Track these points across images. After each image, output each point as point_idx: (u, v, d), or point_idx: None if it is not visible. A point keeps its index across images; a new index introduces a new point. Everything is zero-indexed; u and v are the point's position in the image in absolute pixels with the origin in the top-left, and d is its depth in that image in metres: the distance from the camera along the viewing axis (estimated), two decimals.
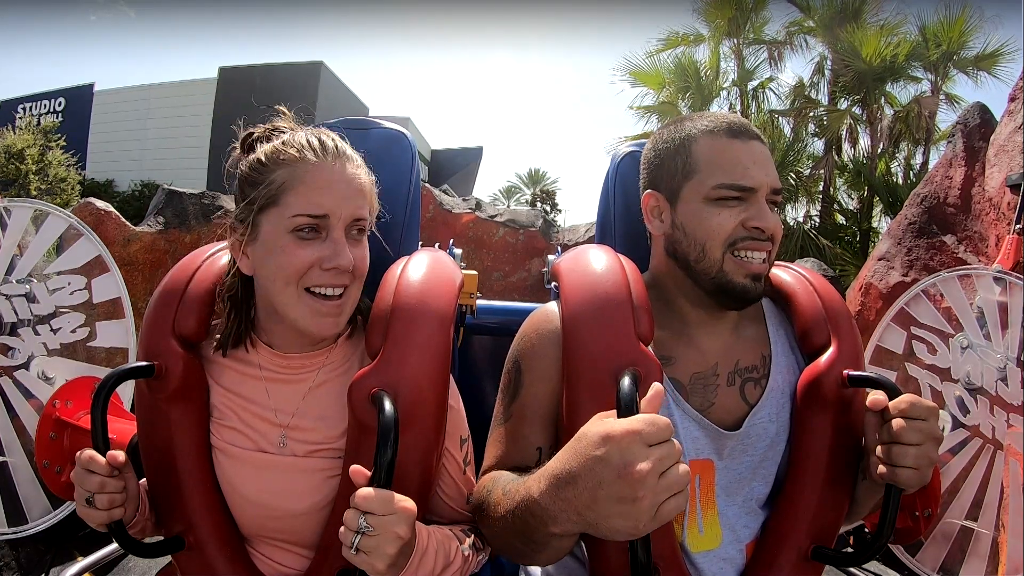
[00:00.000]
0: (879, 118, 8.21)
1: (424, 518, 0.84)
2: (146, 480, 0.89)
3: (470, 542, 0.86)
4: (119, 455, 0.76)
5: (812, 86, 9.10)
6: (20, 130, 11.82)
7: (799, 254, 6.75)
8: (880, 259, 2.70)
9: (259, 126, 0.88)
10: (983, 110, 2.65)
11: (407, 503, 0.67)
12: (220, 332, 0.88)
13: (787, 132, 8.83)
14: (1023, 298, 1.95)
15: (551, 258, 1.25)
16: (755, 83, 9.29)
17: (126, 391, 1.90)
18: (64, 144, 12.20)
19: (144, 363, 0.84)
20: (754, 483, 0.88)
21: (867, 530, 1.46)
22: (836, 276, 3.48)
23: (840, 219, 8.78)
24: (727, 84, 9.30)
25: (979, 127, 2.60)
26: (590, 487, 0.60)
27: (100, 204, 2.99)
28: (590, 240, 1.94)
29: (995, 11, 7.53)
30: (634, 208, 0.97)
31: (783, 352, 0.93)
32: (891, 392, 0.76)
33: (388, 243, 0.99)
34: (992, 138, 2.49)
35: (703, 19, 9.03)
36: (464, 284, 0.99)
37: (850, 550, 0.91)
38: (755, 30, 9.01)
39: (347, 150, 0.86)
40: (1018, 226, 2.11)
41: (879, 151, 8.28)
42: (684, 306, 0.91)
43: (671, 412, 0.85)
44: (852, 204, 8.85)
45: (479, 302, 1.41)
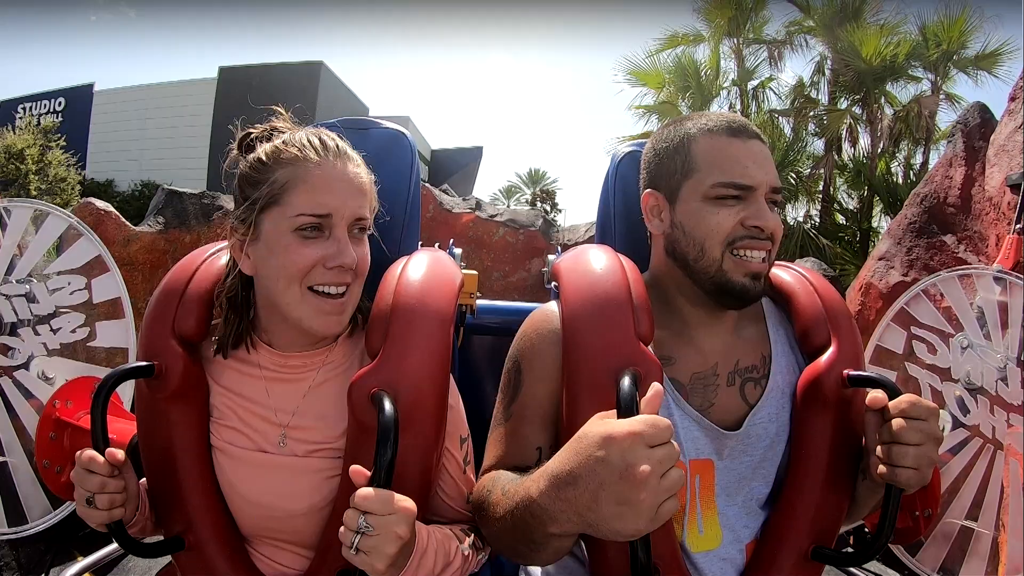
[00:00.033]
0: (879, 118, 8.21)
1: (424, 517, 0.84)
2: (146, 480, 0.89)
3: (470, 541, 0.86)
4: (118, 453, 0.76)
5: (812, 86, 9.11)
6: (20, 130, 11.83)
7: (799, 254, 6.75)
8: (880, 259, 2.70)
9: (256, 126, 0.88)
10: (983, 110, 2.65)
11: (407, 503, 0.67)
12: (219, 334, 0.88)
13: (787, 132, 8.84)
14: (1023, 298, 1.95)
15: (551, 258, 1.25)
16: (755, 83, 9.31)
17: (126, 391, 1.90)
18: (64, 144, 12.21)
19: (144, 363, 0.84)
20: (754, 483, 0.88)
21: (867, 530, 1.46)
22: (836, 276, 3.48)
23: (840, 219, 8.78)
24: (727, 84, 9.31)
25: (979, 127, 2.60)
26: (591, 488, 0.60)
27: (100, 204, 2.98)
28: (590, 240, 1.94)
29: (995, 11, 7.54)
30: (634, 208, 0.97)
31: (783, 352, 0.93)
32: (891, 392, 0.76)
33: (388, 243, 0.99)
34: (992, 138, 2.49)
35: (703, 19, 9.03)
36: (464, 284, 0.99)
37: (850, 550, 0.91)
38: (755, 30, 9.01)
39: (347, 149, 0.86)
40: (1018, 226, 2.11)
41: (879, 151, 8.28)
42: (684, 306, 0.91)
43: (671, 412, 0.85)
44: (852, 204, 8.86)
45: (479, 302, 1.41)
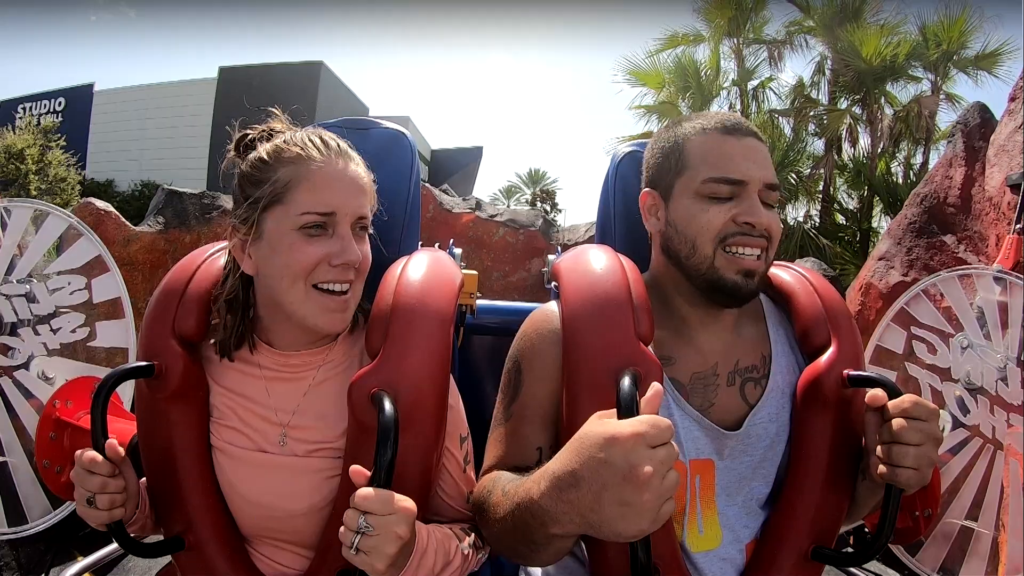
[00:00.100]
0: (879, 118, 8.21)
1: (424, 517, 0.84)
2: (146, 480, 0.89)
3: (470, 541, 0.86)
4: (119, 448, 0.76)
5: (812, 86, 9.10)
6: (20, 130, 11.82)
7: (799, 254, 6.75)
8: (880, 259, 2.70)
9: (254, 127, 0.88)
10: (983, 110, 2.65)
11: (407, 503, 0.67)
12: (220, 336, 0.88)
13: (787, 132, 8.84)
14: (1023, 298, 1.95)
15: (551, 258, 1.25)
16: (755, 83, 9.31)
17: (126, 391, 1.90)
18: (64, 144, 12.21)
19: (144, 363, 0.84)
20: (754, 483, 0.88)
21: (867, 530, 1.46)
22: (836, 276, 3.48)
23: (840, 219, 8.78)
24: (727, 84, 9.30)
25: (979, 127, 2.60)
26: (594, 490, 0.60)
27: (100, 204, 2.98)
28: (590, 240, 1.94)
29: (995, 11, 7.54)
30: (634, 208, 0.97)
31: (783, 352, 0.93)
32: (891, 392, 0.76)
33: (388, 243, 0.99)
34: (992, 138, 2.49)
35: (703, 19, 9.03)
36: (464, 284, 0.99)
37: (850, 550, 0.91)
38: (755, 30, 9.01)
39: (348, 149, 0.87)
40: (1018, 226, 2.11)
41: (879, 151, 8.28)
42: (682, 305, 0.91)
43: (671, 412, 0.85)
44: (852, 204, 8.85)
45: (479, 302, 1.41)
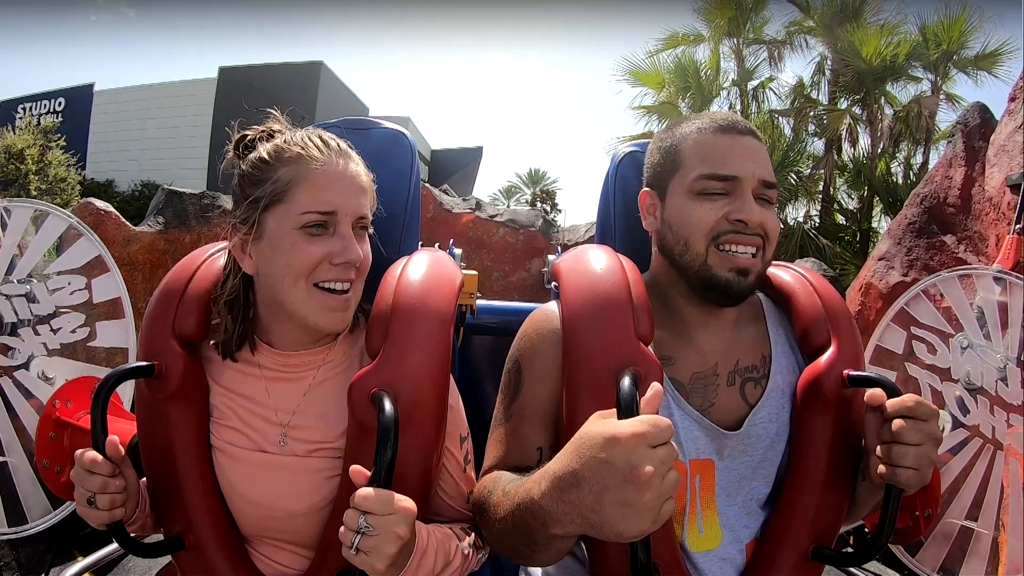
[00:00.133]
0: (879, 118, 8.20)
1: (424, 517, 0.84)
2: (146, 480, 0.89)
3: (470, 540, 0.86)
4: (119, 446, 0.76)
5: (812, 86, 9.10)
6: (20, 130, 11.83)
7: (799, 254, 6.74)
8: (880, 259, 2.70)
9: (252, 128, 0.88)
10: (983, 110, 2.65)
11: (407, 503, 0.67)
12: (222, 337, 0.88)
13: (787, 132, 8.83)
14: (1023, 298, 1.95)
15: (551, 258, 1.25)
16: (755, 83, 9.30)
17: (126, 391, 1.90)
18: (64, 144, 12.22)
19: (144, 363, 0.84)
20: (754, 483, 0.88)
21: (867, 530, 1.46)
22: (836, 276, 3.48)
23: (840, 219, 8.77)
24: (727, 84, 9.29)
25: (979, 127, 2.60)
26: (596, 490, 0.60)
27: (100, 204, 2.98)
28: (590, 240, 1.94)
29: (995, 11, 7.53)
30: (634, 208, 0.97)
31: (783, 352, 0.93)
32: (891, 392, 0.76)
33: (388, 243, 0.99)
34: (992, 138, 2.49)
35: (703, 19, 9.02)
36: (464, 284, 0.99)
37: (850, 550, 0.91)
38: (755, 30, 9.00)
39: (347, 148, 0.87)
40: (1018, 226, 2.11)
41: (879, 151, 8.28)
42: (681, 305, 0.91)
43: (671, 412, 0.85)
44: (852, 204, 8.84)
45: (479, 302, 1.41)
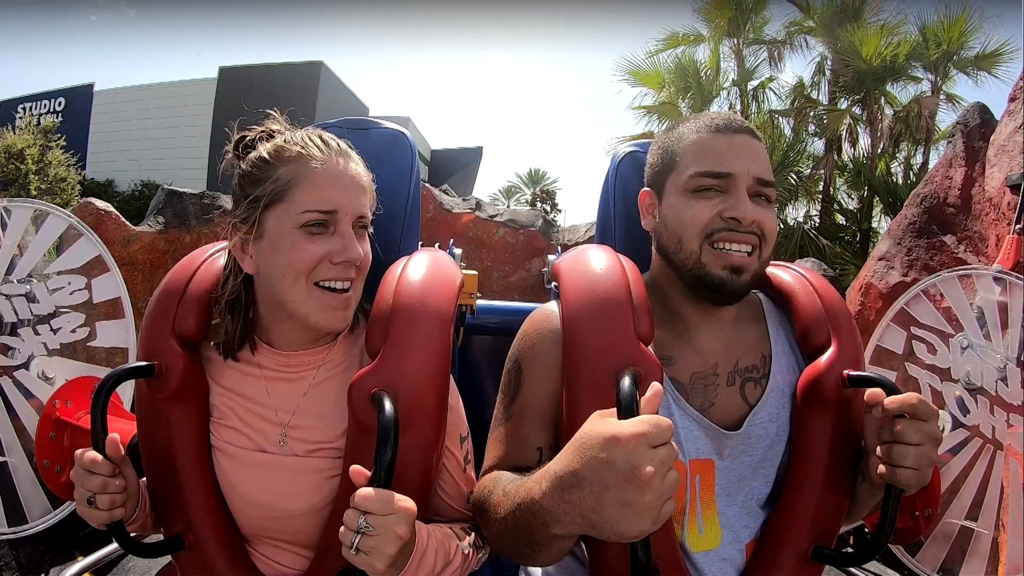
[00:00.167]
0: (879, 118, 8.20)
1: (424, 517, 0.84)
2: (146, 480, 0.89)
3: (470, 540, 0.86)
4: (119, 445, 0.76)
5: (812, 86, 9.10)
6: (20, 130, 11.82)
7: (799, 254, 6.74)
8: (880, 259, 2.70)
9: (252, 128, 0.88)
10: (983, 110, 2.65)
11: (407, 503, 0.67)
12: (223, 337, 0.88)
13: (787, 132, 8.83)
14: (1023, 298, 1.95)
15: (551, 258, 1.25)
16: (755, 83, 9.29)
17: (126, 391, 1.90)
18: (64, 144, 12.20)
19: (144, 363, 0.84)
20: (754, 483, 0.88)
21: (867, 530, 1.46)
22: (836, 276, 3.48)
23: (840, 219, 8.76)
24: (727, 84, 9.29)
25: (979, 127, 2.60)
26: (596, 490, 0.60)
27: (100, 204, 2.98)
28: (590, 240, 1.94)
29: (995, 11, 7.53)
30: (634, 208, 0.97)
31: (783, 352, 0.93)
32: (891, 392, 0.76)
33: (388, 243, 0.99)
34: (992, 138, 2.49)
35: (703, 19, 9.02)
36: (464, 284, 0.99)
37: (850, 550, 0.91)
38: (755, 30, 9.00)
39: (347, 148, 0.87)
40: (1018, 226, 2.11)
41: (879, 151, 8.27)
42: (681, 305, 0.91)
43: (671, 412, 0.85)
44: (852, 204, 8.84)
45: (479, 302, 1.41)
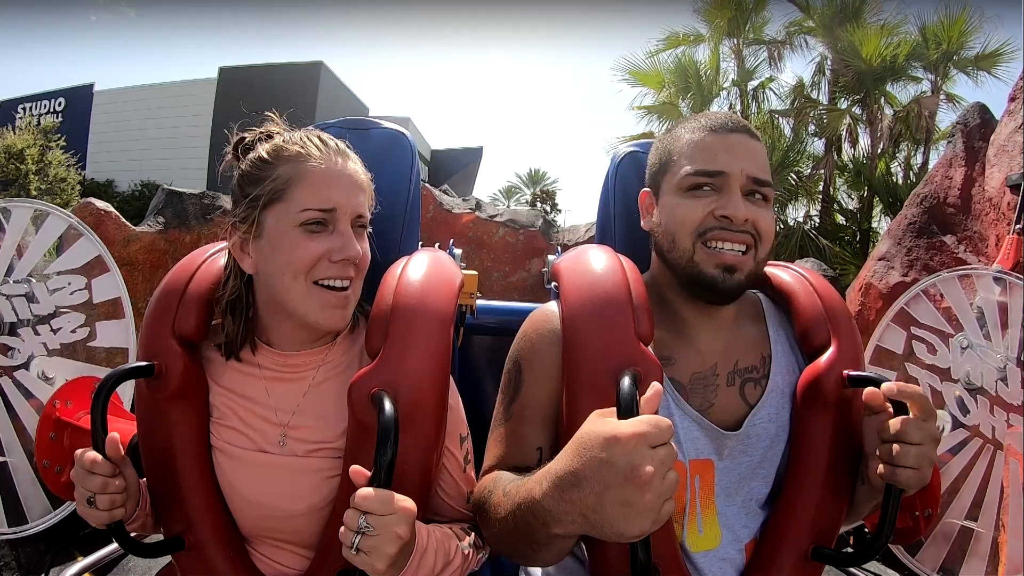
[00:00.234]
0: (879, 118, 8.20)
1: (424, 517, 0.84)
2: (146, 480, 0.89)
3: (470, 540, 0.86)
4: (119, 445, 0.76)
5: (812, 86, 9.09)
6: (20, 130, 11.83)
7: (799, 254, 6.74)
8: (880, 259, 2.70)
9: (251, 130, 0.89)
10: (983, 110, 2.65)
11: (407, 503, 0.68)
12: (225, 337, 0.88)
13: (787, 132, 8.82)
14: (1023, 298, 1.95)
15: (551, 258, 1.25)
16: (755, 83, 9.29)
17: (126, 391, 1.90)
18: (64, 144, 12.21)
19: (144, 363, 0.84)
20: (754, 483, 0.88)
21: (867, 530, 1.46)
22: (836, 276, 3.48)
23: (840, 219, 8.76)
24: (727, 84, 9.29)
25: (979, 127, 2.60)
26: (596, 491, 0.60)
27: (100, 204, 2.99)
28: (590, 240, 1.93)
29: (995, 11, 7.53)
30: (634, 208, 0.98)
31: (783, 352, 0.93)
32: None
33: (388, 243, 1.00)
34: (992, 138, 2.49)
35: (703, 19, 9.02)
36: (464, 284, 0.99)
37: (850, 550, 0.91)
38: (755, 30, 9.00)
39: (345, 148, 0.88)
40: (1018, 226, 2.11)
41: (879, 151, 8.27)
42: (680, 305, 0.91)
43: (671, 412, 0.85)
44: (852, 204, 8.84)
45: (479, 302, 1.41)
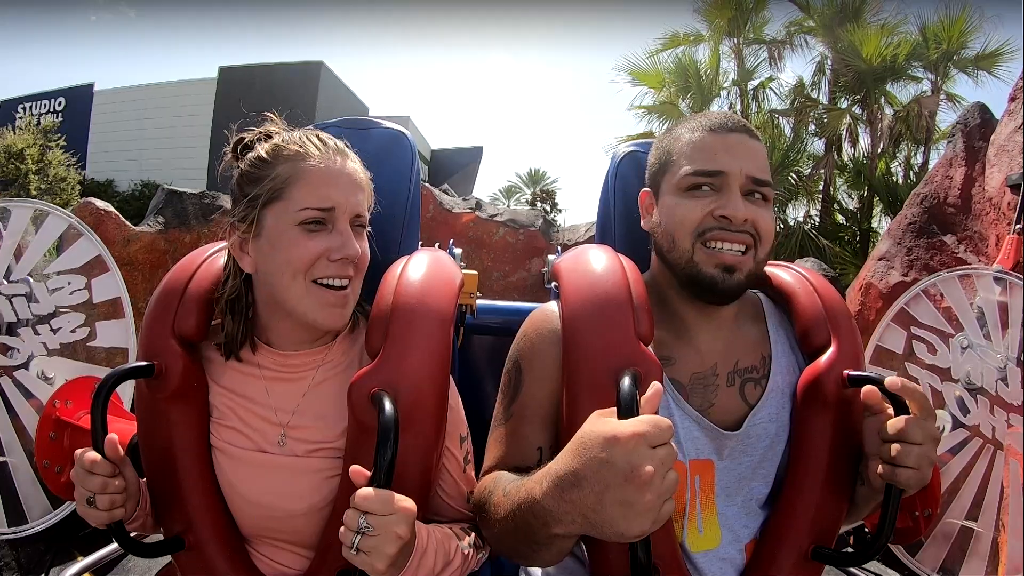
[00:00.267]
0: (879, 118, 8.20)
1: (424, 517, 0.84)
2: (146, 480, 0.89)
3: (470, 540, 0.86)
4: (118, 446, 0.76)
5: (812, 86, 9.09)
6: (20, 130, 11.82)
7: (799, 254, 6.74)
8: (880, 259, 2.70)
9: (250, 130, 0.89)
10: (983, 110, 2.65)
11: (407, 503, 0.68)
12: (225, 337, 0.88)
13: (787, 132, 8.82)
14: (1023, 298, 1.95)
15: (551, 258, 1.25)
16: (755, 83, 9.29)
17: (126, 391, 1.90)
18: (64, 144, 12.20)
19: (144, 363, 0.84)
20: (754, 483, 0.88)
21: (867, 530, 1.46)
22: (836, 276, 3.48)
23: (840, 219, 8.76)
24: (727, 84, 9.29)
25: (979, 127, 2.60)
26: (596, 491, 0.60)
27: (100, 204, 2.98)
28: (590, 240, 1.93)
29: (995, 11, 7.53)
30: (634, 208, 0.98)
31: (783, 352, 0.93)
32: (889, 392, 0.76)
33: (388, 243, 1.00)
34: (992, 138, 2.49)
35: (703, 19, 9.02)
36: (464, 284, 0.99)
37: (850, 550, 0.91)
38: (755, 30, 9.00)
39: (344, 147, 0.88)
40: (1018, 226, 2.11)
41: (879, 151, 8.27)
42: (679, 305, 0.91)
43: (671, 412, 0.85)
44: (852, 204, 8.84)
45: (479, 302, 1.41)
